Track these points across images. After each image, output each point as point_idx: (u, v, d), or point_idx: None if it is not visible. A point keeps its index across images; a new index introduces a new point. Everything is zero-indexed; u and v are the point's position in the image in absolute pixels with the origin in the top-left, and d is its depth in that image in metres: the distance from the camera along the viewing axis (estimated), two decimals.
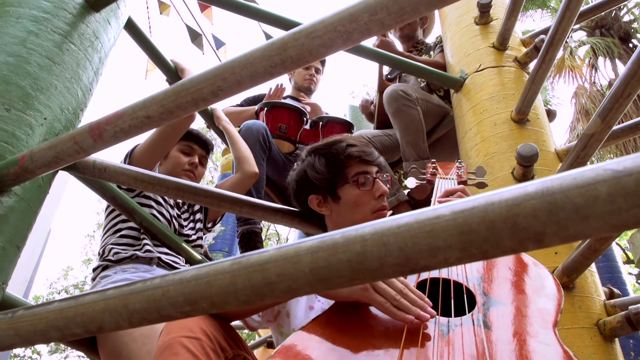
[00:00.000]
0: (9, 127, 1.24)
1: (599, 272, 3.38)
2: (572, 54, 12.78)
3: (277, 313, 1.34)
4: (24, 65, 1.31)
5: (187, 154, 2.08)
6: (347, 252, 0.49)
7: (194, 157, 2.08)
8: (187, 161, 2.05)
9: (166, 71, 2.07)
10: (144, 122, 0.92)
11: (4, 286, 1.23)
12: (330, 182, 1.41)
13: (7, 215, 1.22)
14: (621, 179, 0.40)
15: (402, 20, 0.73)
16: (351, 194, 1.40)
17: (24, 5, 1.39)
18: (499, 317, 0.99)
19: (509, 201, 0.43)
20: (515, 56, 2.31)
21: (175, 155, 2.07)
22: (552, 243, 0.43)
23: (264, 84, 0.84)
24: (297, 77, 3.12)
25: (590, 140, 1.50)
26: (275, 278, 0.52)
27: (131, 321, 0.63)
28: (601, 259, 3.71)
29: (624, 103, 1.35)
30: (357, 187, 1.40)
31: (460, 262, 0.46)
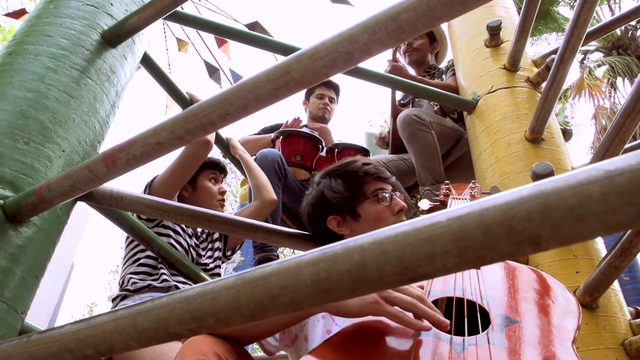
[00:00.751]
0: (27, 159, 1.28)
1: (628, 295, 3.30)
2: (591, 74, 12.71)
3: (294, 337, 1.33)
4: (42, 100, 1.36)
5: (215, 182, 2.15)
6: (347, 262, 0.50)
7: (221, 185, 2.14)
8: (217, 190, 2.11)
9: (182, 103, 2.12)
10: (155, 149, 0.94)
11: (22, 315, 1.25)
12: (349, 200, 1.43)
13: (26, 246, 1.24)
14: (613, 178, 0.40)
15: (401, 39, 0.74)
16: (371, 210, 1.41)
17: (43, 44, 1.44)
18: (515, 335, 0.97)
19: (504, 205, 0.44)
20: (527, 77, 2.31)
21: (206, 186, 2.12)
22: (549, 246, 0.43)
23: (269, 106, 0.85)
24: (312, 107, 3.16)
25: (605, 157, 1.49)
26: (278, 291, 0.53)
27: (140, 340, 0.64)
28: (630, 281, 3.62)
29: (636, 117, 1.34)
30: (376, 202, 1.42)
31: (458, 269, 0.46)
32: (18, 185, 1.25)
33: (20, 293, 1.23)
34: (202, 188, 2.11)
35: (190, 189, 2.11)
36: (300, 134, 2.75)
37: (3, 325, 1.17)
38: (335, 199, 1.42)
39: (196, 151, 1.88)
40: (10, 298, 1.20)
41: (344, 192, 1.41)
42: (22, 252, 1.23)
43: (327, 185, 1.45)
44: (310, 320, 1.30)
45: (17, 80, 1.36)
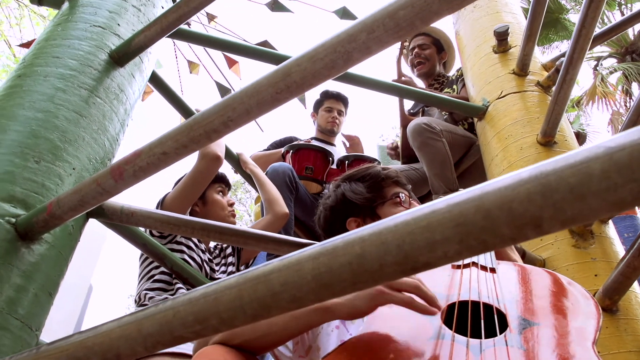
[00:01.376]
0: (38, 178, 1.29)
1: None
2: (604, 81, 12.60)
3: (308, 348, 1.32)
4: (52, 120, 1.38)
5: (223, 195, 2.17)
6: (347, 254, 0.49)
7: (229, 197, 2.16)
8: (226, 202, 2.13)
9: None
10: (160, 159, 0.95)
11: (37, 333, 1.25)
12: (370, 201, 1.43)
13: (39, 263, 1.25)
14: (614, 154, 0.39)
15: (399, 37, 0.74)
16: (391, 212, 1.41)
17: (51, 65, 1.47)
18: (534, 337, 0.95)
19: (503, 188, 0.43)
20: (538, 80, 2.29)
21: (216, 199, 2.14)
22: (552, 228, 0.41)
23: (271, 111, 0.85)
24: (320, 120, 3.17)
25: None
26: (279, 288, 0.52)
27: (146, 346, 0.63)
28: None
29: None
30: (396, 205, 1.42)
31: (460, 257, 0.45)
32: (29, 204, 1.26)
33: (34, 310, 1.23)
34: (212, 201, 2.12)
35: (200, 204, 2.12)
36: (310, 147, 2.75)
37: (18, 342, 1.18)
38: (358, 200, 1.43)
39: (207, 167, 1.90)
40: (24, 315, 1.20)
41: (366, 193, 1.42)
42: (35, 269, 1.24)
43: (348, 188, 1.46)
44: (323, 330, 1.29)
45: (26, 102, 1.38)
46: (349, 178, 1.48)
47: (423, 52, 3.15)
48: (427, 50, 3.15)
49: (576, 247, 1.67)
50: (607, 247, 1.68)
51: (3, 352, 1.12)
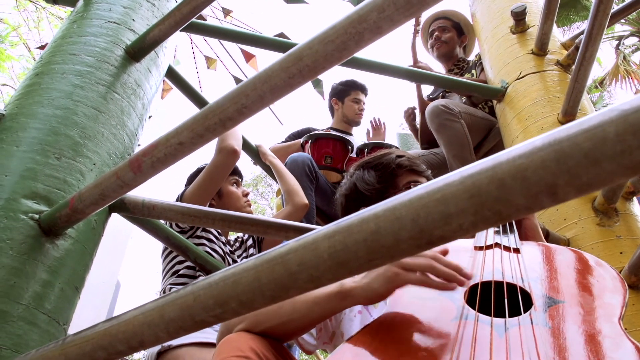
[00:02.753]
0: (60, 174, 1.31)
1: None
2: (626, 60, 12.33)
3: (332, 334, 1.32)
4: (71, 117, 1.39)
5: (237, 186, 2.18)
6: (362, 231, 0.49)
7: (243, 188, 2.17)
8: (241, 193, 2.14)
9: None
10: (177, 149, 0.95)
11: (65, 327, 1.28)
12: (380, 192, 1.41)
13: (64, 258, 1.27)
14: (629, 116, 0.38)
15: (410, 15, 0.73)
16: None
17: (69, 62, 1.49)
18: (559, 314, 0.93)
19: (517, 157, 0.42)
20: (557, 59, 2.25)
21: (231, 191, 2.15)
22: (567, 195, 0.41)
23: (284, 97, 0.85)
24: (348, 111, 3.10)
25: None
26: (296, 268, 0.52)
27: (169, 331, 0.64)
28: None
29: None
30: None
31: (476, 228, 0.45)
32: (52, 200, 1.28)
33: (61, 305, 1.26)
34: (227, 193, 2.14)
35: (216, 198, 2.14)
36: (330, 136, 2.75)
37: (46, 336, 1.20)
38: (367, 191, 1.41)
39: (224, 161, 1.91)
40: (51, 310, 1.22)
41: (376, 184, 1.40)
42: (60, 264, 1.26)
43: (360, 177, 1.45)
44: (346, 316, 1.29)
45: (45, 99, 1.40)
46: (363, 165, 1.47)
47: (443, 34, 3.12)
48: (448, 33, 3.12)
49: (600, 226, 1.64)
50: (632, 224, 1.65)
51: (31, 346, 1.15)
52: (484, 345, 0.85)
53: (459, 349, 0.85)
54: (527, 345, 0.84)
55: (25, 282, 1.18)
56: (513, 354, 0.82)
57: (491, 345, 0.85)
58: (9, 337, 1.13)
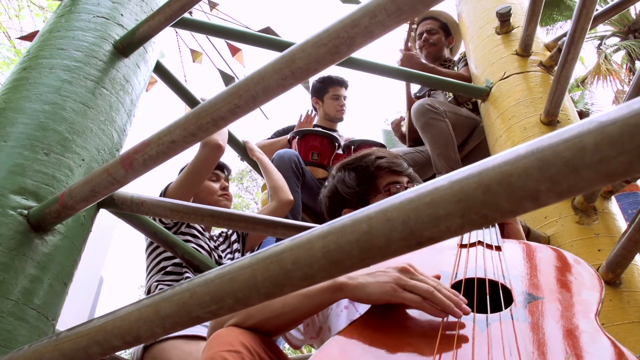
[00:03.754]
0: (49, 170, 1.32)
1: None
2: (608, 59, 12.52)
3: (319, 329, 1.35)
4: (59, 112, 1.40)
5: (215, 181, 2.18)
6: (355, 232, 0.51)
7: (222, 182, 2.17)
8: (218, 187, 2.14)
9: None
10: (169, 147, 0.97)
11: (53, 322, 1.28)
12: (361, 195, 1.43)
13: (53, 254, 1.28)
14: (606, 128, 0.41)
15: (401, 21, 0.75)
16: None
17: (57, 57, 1.49)
18: (539, 310, 0.97)
19: (502, 164, 0.45)
20: (540, 61, 2.30)
21: (206, 185, 2.16)
22: (549, 200, 0.43)
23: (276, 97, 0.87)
24: (328, 109, 3.12)
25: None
26: (291, 266, 0.55)
27: (164, 327, 0.66)
28: None
29: None
30: (388, 196, 1.42)
31: (463, 231, 0.47)
32: (41, 195, 1.28)
33: (49, 300, 1.27)
34: (202, 188, 2.15)
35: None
36: (316, 132, 2.77)
37: (35, 331, 1.21)
38: (347, 194, 1.43)
39: (209, 155, 1.91)
40: (40, 305, 1.23)
41: (356, 186, 1.42)
42: (49, 260, 1.27)
43: (341, 179, 1.46)
44: (333, 311, 1.31)
45: (33, 94, 1.40)
46: (344, 166, 1.48)
47: (431, 36, 3.15)
48: (435, 35, 3.16)
49: (580, 224, 1.69)
50: (610, 223, 1.70)
51: (20, 342, 1.16)
52: (467, 340, 0.88)
53: (442, 343, 0.88)
54: (507, 340, 0.87)
55: (14, 278, 1.19)
56: (494, 348, 0.85)
57: (474, 339, 0.88)
58: None
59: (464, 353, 0.85)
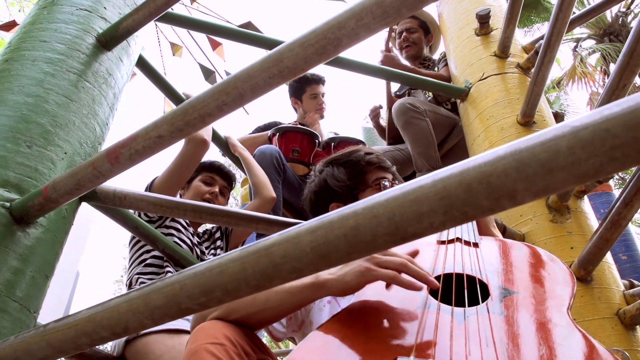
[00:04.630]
0: (31, 162, 1.32)
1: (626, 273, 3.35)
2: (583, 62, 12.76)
3: (301, 322, 1.37)
4: (42, 104, 1.39)
5: (209, 184, 2.18)
6: (342, 227, 0.53)
7: (215, 187, 2.17)
8: (207, 190, 2.14)
9: (179, 103, 2.16)
10: (156, 142, 0.98)
11: (35, 314, 1.28)
12: (351, 188, 1.46)
13: (35, 246, 1.28)
14: (579, 132, 0.44)
15: (386, 23, 0.78)
16: None
17: (39, 49, 1.48)
18: (513, 304, 1.01)
19: (482, 164, 0.47)
20: (518, 62, 2.35)
21: (196, 185, 2.17)
22: (525, 199, 0.46)
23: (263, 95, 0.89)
24: (308, 108, 3.12)
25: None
26: (280, 260, 0.57)
27: (153, 318, 0.68)
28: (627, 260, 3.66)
29: (620, 94, 1.38)
30: (377, 190, 1.46)
31: (445, 227, 0.50)
32: (23, 188, 1.28)
33: (31, 292, 1.27)
34: (192, 187, 2.16)
35: (186, 187, 2.16)
36: (297, 129, 2.79)
37: (17, 323, 1.21)
38: (338, 187, 1.46)
39: (193, 150, 1.93)
40: (22, 297, 1.23)
41: (347, 180, 1.46)
42: (31, 252, 1.27)
43: (330, 173, 1.49)
44: (315, 305, 1.34)
45: (15, 86, 1.40)
46: (332, 162, 1.52)
47: (411, 35, 3.19)
48: (415, 34, 3.19)
49: (553, 222, 1.74)
50: (583, 221, 1.75)
51: (3, 334, 1.16)
52: (445, 332, 0.92)
53: (422, 335, 0.91)
54: (484, 332, 0.90)
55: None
56: (471, 339, 0.89)
57: (451, 332, 0.92)
58: None
59: (442, 345, 0.88)
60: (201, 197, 2.12)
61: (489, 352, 0.83)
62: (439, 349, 0.86)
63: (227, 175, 2.24)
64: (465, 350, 0.85)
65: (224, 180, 2.23)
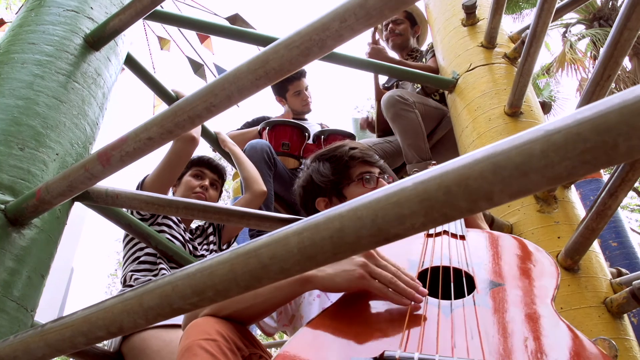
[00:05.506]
0: (24, 164, 1.33)
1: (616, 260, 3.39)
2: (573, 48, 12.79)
3: (291, 317, 1.39)
4: (32, 107, 1.40)
5: (199, 178, 2.19)
6: (328, 229, 0.55)
7: (205, 181, 2.19)
8: (197, 184, 2.15)
9: (168, 100, 2.17)
10: (146, 144, 0.99)
11: (32, 313, 1.30)
12: (335, 183, 1.49)
13: (30, 247, 1.30)
14: (552, 136, 0.46)
15: (369, 24, 0.79)
16: (356, 192, 1.47)
17: (28, 51, 1.48)
18: (499, 296, 1.03)
19: (460, 167, 0.49)
20: (505, 53, 2.37)
21: (186, 180, 2.19)
22: (501, 200, 0.48)
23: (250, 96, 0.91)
24: (294, 105, 3.12)
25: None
26: (269, 261, 0.59)
27: (147, 318, 0.69)
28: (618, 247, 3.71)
29: (605, 85, 1.41)
30: (361, 185, 1.48)
31: (425, 227, 0.52)
32: (17, 190, 1.29)
33: (28, 292, 1.28)
34: (183, 182, 2.18)
35: (177, 183, 2.18)
36: (286, 123, 2.81)
37: (15, 322, 1.23)
38: (322, 182, 1.48)
39: (182, 148, 1.94)
40: (19, 297, 1.25)
41: (331, 175, 1.48)
42: (26, 253, 1.28)
43: (316, 169, 1.52)
44: (305, 300, 1.36)
45: (6, 89, 1.40)
46: (318, 158, 1.54)
47: (397, 27, 3.20)
48: (401, 25, 3.20)
49: (541, 212, 1.77)
50: (570, 211, 1.78)
51: (2, 332, 1.18)
52: (432, 325, 0.94)
53: (409, 329, 0.93)
54: (470, 324, 0.93)
55: None
56: (457, 332, 0.91)
57: (438, 324, 0.94)
58: None
59: (429, 337, 0.90)
60: (192, 191, 2.14)
61: (474, 344, 0.85)
62: (426, 341, 0.88)
63: (217, 168, 2.27)
64: (451, 342, 0.87)
65: (213, 173, 2.25)
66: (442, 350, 0.85)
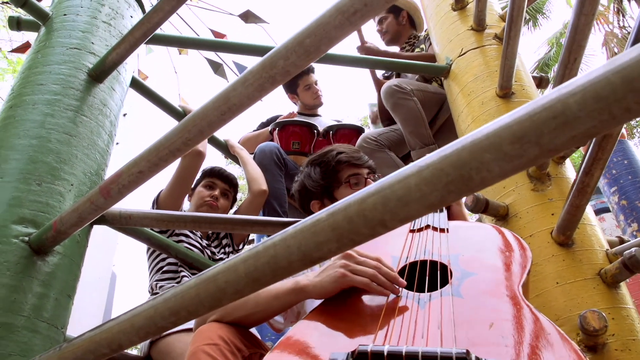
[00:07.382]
0: (42, 198, 1.47)
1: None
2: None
3: (297, 314, 1.51)
4: (46, 144, 1.55)
5: (210, 188, 2.33)
6: (265, 256, 0.66)
7: (215, 191, 2.32)
8: (208, 194, 2.29)
9: (176, 117, 2.30)
10: (138, 177, 1.12)
11: (63, 330, 1.46)
12: (325, 187, 1.59)
13: (54, 272, 1.45)
14: (422, 172, 0.55)
15: (311, 59, 0.89)
16: (345, 194, 1.57)
17: (37, 92, 1.63)
18: (470, 286, 1.12)
19: (359, 200, 0.60)
20: (495, 33, 2.39)
21: (199, 190, 2.33)
22: (394, 225, 0.58)
23: (220, 128, 1.02)
24: (306, 100, 3.24)
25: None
26: (224, 285, 0.70)
27: (139, 336, 0.82)
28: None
29: (573, 68, 1.46)
30: (349, 187, 1.57)
31: (340, 250, 0.62)
32: (38, 222, 1.44)
33: (57, 312, 1.44)
34: (196, 193, 2.32)
35: (191, 195, 2.32)
36: (295, 122, 2.91)
37: (47, 341, 1.38)
38: (312, 187, 1.59)
39: (190, 162, 2.08)
40: (49, 318, 1.40)
41: (320, 180, 1.58)
42: (51, 277, 1.43)
43: (307, 174, 1.62)
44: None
45: (21, 131, 1.55)
46: (310, 163, 1.64)
47: (382, 26, 3.25)
48: (385, 22, 3.25)
49: (535, 191, 1.83)
50: (564, 187, 1.83)
51: (36, 350, 1.33)
52: (407, 317, 1.04)
53: (386, 321, 1.03)
54: (444, 314, 1.02)
55: (23, 297, 1.36)
56: (432, 322, 1.01)
57: (416, 316, 1.04)
58: (17, 345, 1.31)
59: (403, 330, 1.00)
60: (203, 200, 2.28)
61: (447, 333, 0.95)
62: (400, 334, 0.98)
63: (227, 178, 2.39)
64: (427, 332, 0.97)
65: (224, 183, 2.38)
66: (417, 341, 0.95)
